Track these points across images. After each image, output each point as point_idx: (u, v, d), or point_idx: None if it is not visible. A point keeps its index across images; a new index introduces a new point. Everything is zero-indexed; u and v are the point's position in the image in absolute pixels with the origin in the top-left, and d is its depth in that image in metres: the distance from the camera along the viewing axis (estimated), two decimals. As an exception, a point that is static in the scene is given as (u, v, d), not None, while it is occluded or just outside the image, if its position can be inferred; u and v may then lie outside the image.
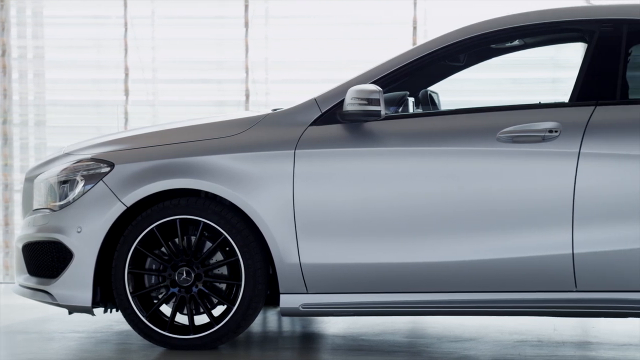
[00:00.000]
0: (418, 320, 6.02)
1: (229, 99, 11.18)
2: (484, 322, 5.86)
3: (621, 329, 5.71)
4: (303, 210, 5.01)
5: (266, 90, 11.15)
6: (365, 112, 4.97)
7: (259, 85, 11.10)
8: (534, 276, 4.84)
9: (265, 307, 6.43)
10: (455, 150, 4.91)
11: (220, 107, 11.11)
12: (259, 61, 11.06)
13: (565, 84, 5.12)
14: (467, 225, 4.88)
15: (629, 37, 4.91)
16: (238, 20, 11.07)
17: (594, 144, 4.78)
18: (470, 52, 5.64)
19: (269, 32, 11.08)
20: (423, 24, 10.82)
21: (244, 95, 11.16)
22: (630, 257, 4.73)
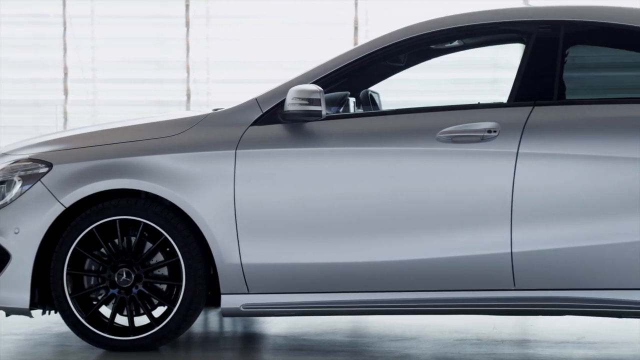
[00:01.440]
0: (359, 319, 6.04)
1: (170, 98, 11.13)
2: (424, 321, 5.90)
3: (559, 326, 5.78)
4: (244, 211, 5.00)
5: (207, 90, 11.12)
6: (306, 112, 4.98)
7: (200, 85, 11.06)
8: (474, 275, 4.88)
9: (206, 308, 6.40)
10: (396, 150, 4.94)
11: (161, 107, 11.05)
12: (200, 61, 11.03)
13: (505, 84, 5.16)
14: (408, 225, 4.90)
15: (566, 38, 4.97)
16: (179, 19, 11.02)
17: (531, 144, 4.84)
18: (410, 53, 5.67)
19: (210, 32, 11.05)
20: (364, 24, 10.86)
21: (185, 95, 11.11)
22: (568, 256, 4.79)
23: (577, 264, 4.78)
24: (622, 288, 4.77)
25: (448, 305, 4.93)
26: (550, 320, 5.90)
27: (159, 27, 11.06)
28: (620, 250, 4.74)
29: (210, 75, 11.10)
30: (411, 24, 5.15)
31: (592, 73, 6.69)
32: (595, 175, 4.77)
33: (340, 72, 5.13)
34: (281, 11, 10.93)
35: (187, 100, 11.17)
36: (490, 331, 5.69)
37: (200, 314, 6.17)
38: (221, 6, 11.02)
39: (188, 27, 11.02)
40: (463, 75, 10.71)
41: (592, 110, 4.86)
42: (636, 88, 6.78)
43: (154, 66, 11.14)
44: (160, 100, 11.11)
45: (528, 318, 6.03)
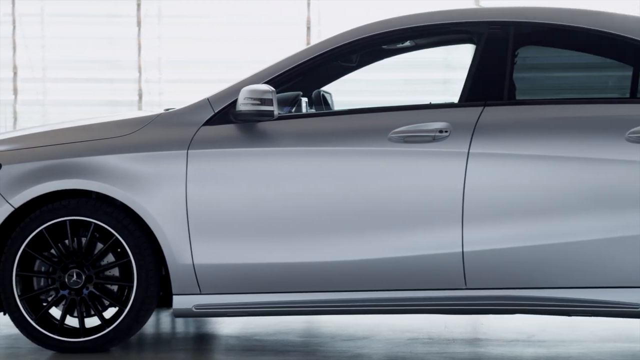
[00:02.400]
0: (312, 319, 6.04)
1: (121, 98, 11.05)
2: (376, 321, 5.92)
3: (510, 325, 5.83)
4: (196, 211, 4.98)
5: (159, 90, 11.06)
6: (258, 112, 4.97)
7: (152, 84, 11.00)
8: (425, 274, 4.90)
9: (158, 309, 6.37)
10: (348, 150, 4.95)
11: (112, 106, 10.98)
12: (152, 60, 10.97)
13: (456, 84, 5.20)
14: (360, 224, 4.91)
15: (515, 38, 5.01)
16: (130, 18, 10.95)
17: (482, 144, 4.87)
18: (362, 53, 5.68)
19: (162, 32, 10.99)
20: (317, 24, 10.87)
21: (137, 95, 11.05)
22: (518, 255, 4.83)
23: (527, 263, 4.82)
24: (571, 287, 4.82)
25: (400, 305, 4.94)
26: (501, 319, 5.95)
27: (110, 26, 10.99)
28: (569, 249, 4.79)
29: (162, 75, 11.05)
30: (363, 24, 5.17)
31: (542, 73, 6.75)
32: (545, 175, 4.82)
33: (292, 72, 5.13)
34: (233, 11, 10.91)
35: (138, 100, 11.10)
36: (442, 330, 5.73)
37: (152, 315, 6.14)
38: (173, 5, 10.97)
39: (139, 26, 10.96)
40: (415, 75, 10.76)
41: (541, 110, 4.91)
42: (585, 88, 6.86)
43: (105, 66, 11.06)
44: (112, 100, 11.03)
45: (479, 317, 6.07)
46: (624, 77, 5.60)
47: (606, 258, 4.77)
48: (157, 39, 11.01)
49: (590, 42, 5.04)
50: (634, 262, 4.76)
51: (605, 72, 6.75)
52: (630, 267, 4.76)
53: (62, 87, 11.08)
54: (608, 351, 5.19)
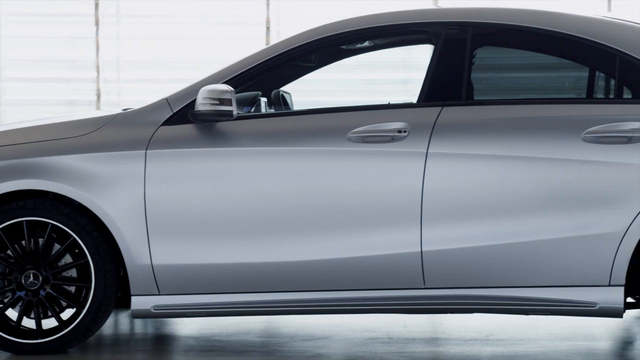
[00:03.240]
0: (272, 319, 6.04)
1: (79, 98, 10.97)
2: (336, 321, 5.93)
3: (468, 324, 5.85)
4: (155, 211, 4.96)
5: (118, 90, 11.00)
6: (217, 112, 4.96)
7: (110, 84, 10.94)
8: (384, 274, 4.92)
9: (116, 310, 6.34)
10: (307, 150, 4.95)
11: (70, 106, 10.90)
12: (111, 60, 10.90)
13: (415, 84, 5.22)
14: (319, 224, 4.92)
15: (473, 39, 5.04)
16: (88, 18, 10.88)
17: (440, 144, 4.89)
18: (321, 53, 5.69)
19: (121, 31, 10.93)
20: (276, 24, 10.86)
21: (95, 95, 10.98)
22: (477, 254, 4.86)
23: (486, 262, 4.85)
24: (529, 286, 4.86)
25: (359, 305, 4.95)
26: (460, 318, 5.98)
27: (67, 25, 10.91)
28: (527, 248, 4.83)
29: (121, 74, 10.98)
30: (322, 25, 5.17)
31: (499, 74, 6.79)
32: (503, 175, 4.85)
33: (251, 72, 5.12)
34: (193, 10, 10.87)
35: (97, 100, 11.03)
36: (401, 329, 5.75)
37: (110, 316, 6.11)
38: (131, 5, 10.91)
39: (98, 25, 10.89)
40: (374, 75, 10.78)
41: (499, 110, 4.94)
42: (542, 89, 6.91)
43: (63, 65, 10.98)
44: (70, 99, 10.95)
45: (438, 316, 6.09)
46: (580, 77, 5.66)
47: (563, 257, 4.81)
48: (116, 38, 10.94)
49: (548, 43, 5.08)
50: (591, 261, 4.80)
51: (562, 73, 6.81)
52: (587, 266, 4.80)
53: (18, 87, 10.98)
54: (565, 350, 5.24)
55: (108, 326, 5.92)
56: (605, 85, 5.38)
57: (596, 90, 5.43)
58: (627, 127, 4.82)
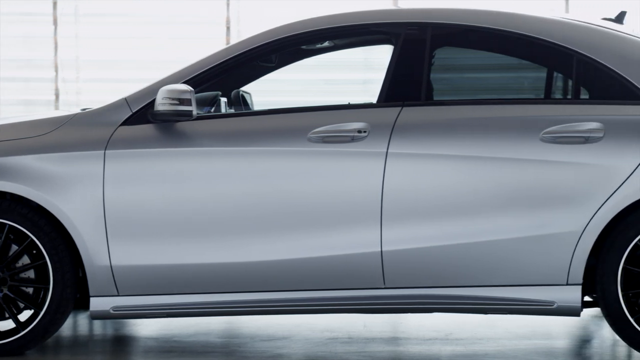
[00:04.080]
0: (232, 320, 6.03)
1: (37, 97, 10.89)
2: (296, 321, 5.93)
3: (428, 323, 5.88)
4: (114, 212, 4.93)
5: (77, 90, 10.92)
6: (177, 112, 4.94)
7: (69, 84, 10.86)
8: (344, 274, 4.92)
9: (75, 311, 6.29)
10: (267, 150, 4.95)
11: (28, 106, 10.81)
12: (69, 60, 10.82)
13: (376, 85, 5.23)
14: (279, 225, 4.92)
15: (433, 39, 5.06)
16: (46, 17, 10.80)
17: (400, 144, 4.91)
18: (281, 53, 5.68)
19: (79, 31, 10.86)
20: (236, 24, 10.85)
21: (53, 95, 10.90)
22: (436, 254, 4.88)
23: (445, 262, 4.87)
24: (488, 285, 4.89)
25: (319, 305, 4.96)
26: (420, 317, 6.00)
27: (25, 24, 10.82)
28: (486, 248, 4.85)
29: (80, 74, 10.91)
30: (282, 25, 5.17)
31: (459, 74, 6.83)
32: (462, 175, 4.87)
33: (211, 71, 5.11)
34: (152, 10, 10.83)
35: (55, 100, 10.95)
36: (361, 329, 5.76)
37: (69, 317, 6.06)
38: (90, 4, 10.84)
39: (56, 25, 10.81)
40: (335, 75, 10.80)
41: (458, 110, 4.96)
42: (501, 89, 6.95)
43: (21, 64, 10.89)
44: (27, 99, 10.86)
45: (398, 316, 6.11)
46: (538, 78, 5.70)
47: (522, 256, 4.85)
48: (74, 37, 10.87)
49: (506, 44, 5.11)
50: (549, 260, 4.84)
51: (521, 73, 6.85)
52: (545, 265, 4.84)
53: (-24, 86, 10.88)
54: (523, 348, 5.27)
55: (67, 327, 5.88)
56: (563, 86, 5.43)
57: (554, 91, 5.48)
58: (584, 127, 4.86)
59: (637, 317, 4.83)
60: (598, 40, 4.99)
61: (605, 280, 4.84)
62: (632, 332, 4.83)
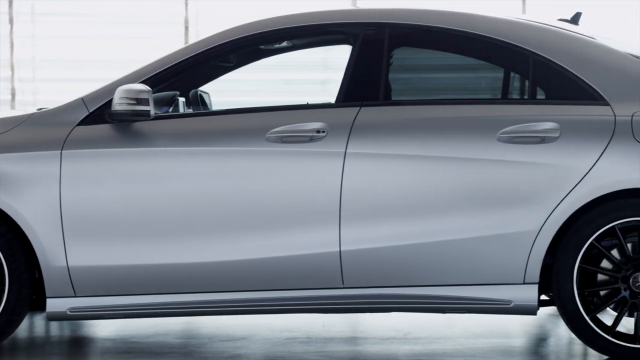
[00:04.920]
0: (191, 320, 6.01)
1: (-7, 97, 10.79)
2: (255, 321, 5.92)
3: (387, 323, 5.89)
4: (71, 212, 4.90)
5: (33, 89, 10.84)
6: (134, 112, 4.92)
7: (25, 83, 10.77)
8: (303, 274, 4.93)
9: (31, 312, 6.24)
10: (225, 150, 4.94)
11: (-16, 106, 10.71)
12: (26, 59, 10.74)
13: (334, 85, 5.24)
14: (238, 225, 4.91)
15: (391, 40, 5.07)
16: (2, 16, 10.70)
17: (359, 144, 4.92)
18: (240, 53, 5.67)
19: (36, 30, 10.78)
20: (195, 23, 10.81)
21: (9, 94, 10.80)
22: (395, 254, 4.89)
23: (403, 261, 4.89)
24: (446, 284, 4.91)
25: (278, 305, 4.96)
26: (378, 317, 6.02)
27: (-19, 23, 10.72)
28: (444, 247, 4.88)
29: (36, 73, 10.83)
30: (240, 25, 5.16)
31: (417, 74, 6.86)
32: (420, 175, 4.89)
33: (169, 71, 5.10)
34: (110, 9, 10.77)
35: (11, 99, 10.86)
36: (320, 329, 5.76)
37: (25, 319, 6.01)
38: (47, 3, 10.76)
39: (12, 24, 10.72)
40: (294, 75, 10.80)
41: (417, 110, 4.98)
42: (459, 89, 6.99)
43: (-23, 64, 10.78)
44: (-17, 99, 10.76)
45: (357, 315, 6.12)
46: (496, 78, 5.74)
47: (479, 256, 4.88)
48: (31, 37, 10.78)
49: (464, 44, 5.14)
50: (506, 259, 4.87)
51: (478, 74, 6.90)
52: (502, 264, 4.87)
53: None
54: (481, 347, 5.31)
55: (23, 329, 5.83)
56: (520, 86, 5.47)
57: (511, 91, 5.52)
58: (540, 127, 4.90)
59: (592, 316, 4.88)
60: (554, 41, 5.03)
61: (562, 279, 4.88)
62: (588, 330, 4.88)
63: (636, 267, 4.86)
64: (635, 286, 4.86)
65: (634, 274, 4.86)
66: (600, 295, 4.94)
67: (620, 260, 4.88)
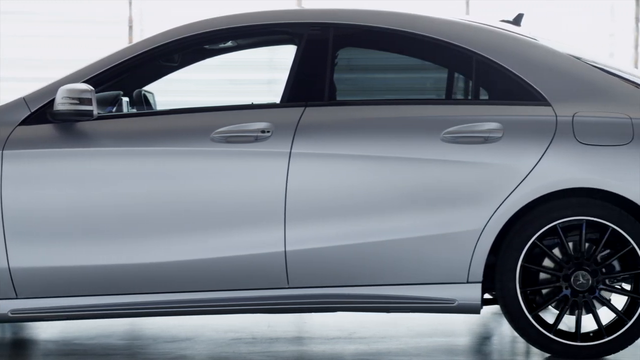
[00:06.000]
0: (135, 322, 5.97)
1: None
2: (200, 322, 5.90)
3: (332, 323, 5.91)
4: (12, 213, 4.84)
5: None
6: (77, 112, 4.88)
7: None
8: (248, 274, 4.92)
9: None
10: (170, 150, 4.91)
11: None
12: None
13: (280, 85, 5.25)
14: (183, 225, 4.89)
15: (335, 40, 5.09)
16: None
17: (303, 144, 4.92)
18: (183, 53, 5.65)
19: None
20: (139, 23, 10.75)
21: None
22: (340, 254, 4.90)
23: (348, 261, 4.90)
24: (390, 284, 4.93)
25: (223, 305, 4.94)
26: (324, 316, 6.03)
27: None
28: (388, 247, 4.90)
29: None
30: (183, 24, 5.14)
31: (362, 75, 6.88)
32: (365, 175, 4.91)
33: (112, 71, 5.06)
34: (53, 8, 10.67)
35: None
36: (265, 329, 5.76)
37: (-33, 321, 5.93)
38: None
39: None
40: (239, 75, 10.78)
41: (361, 111, 5.00)
42: (404, 90, 7.03)
43: None
44: None
45: (302, 315, 6.13)
46: (440, 78, 5.78)
47: (423, 255, 4.90)
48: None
49: (408, 45, 5.16)
50: (450, 258, 4.90)
51: (422, 74, 6.94)
52: (446, 263, 4.90)
53: None
54: (425, 346, 5.34)
55: (-36, 332, 5.76)
56: (464, 87, 5.51)
57: (455, 92, 5.56)
58: (483, 127, 4.94)
59: (534, 314, 4.93)
60: (496, 41, 5.08)
61: (504, 278, 4.93)
62: (530, 328, 4.93)
63: (577, 265, 4.93)
64: (576, 284, 4.92)
65: (575, 272, 4.92)
66: (543, 294, 4.99)
67: (562, 259, 4.94)
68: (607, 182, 4.85)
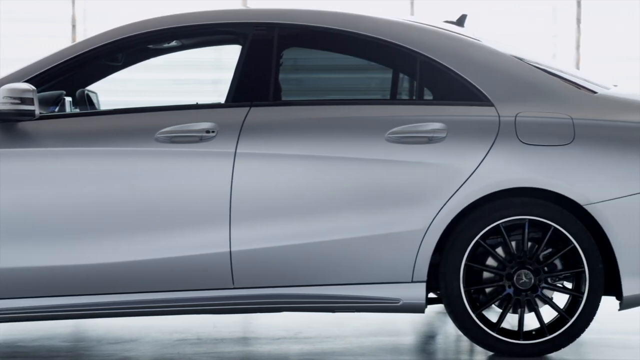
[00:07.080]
0: (79, 323, 5.92)
1: None
2: (145, 323, 5.87)
3: (277, 323, 5.91)
4: (-47, 214, 4.78)
5: None
6: (18, 112, 4.83)
7: None
8: (193, 275, 4.90)
9: None
10: (114, 150, 4.88)
11: None
12: None
13: (225, 85, 5.24)
14: (127, 226, 4.86)
15: (280, 40, 5.09)
16: None
17: (248, 144, 4.92)
18: (127, 52, 5.61)
19: None
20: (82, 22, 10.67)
21: None
22: (285, 254, 4.91)
23: (293, 261, 4.91)
24: (335, 284, 4.94)
25: (169, 306, 4.92)
26: (269, 317, 6.03)
27: None
28: (333, 247, 4.91)
29: None
30: (126, 24, 5.11)
31: (307, 75, 6.89)
32: (310, 175, 4.91)
33: (55, 70, 5.02)
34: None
35: None
36: (211, 330, 5.74)
37: None
38: None
39: None
40: (184, 75, 10.74)
41: (307, 111, 5.01)
42: (349, 90, 7.05)
43: None
44: None
45: (248, 316, 6.12)
46: (385, 79, 5.81)
47: (368, 255, 4.92)
48: None
49: (352, 45, 5.18)
50: (395, 258, 4.93)
51: (368, 74, 6.97)
52: (391, 263, 4.93)
53: None
54: (370, 345, 5.36)
55: None
56: (408, 87, 5.54)
57: (399, 92, 5.58)
58: (427, 127, 4.97)
59: (478, 313, 4.97)
60: (440, 42, 5.11)
61: (449, 277, 4.96)
62: (474, 327, 4.97)
63: (520, 264, 4.98)
64: (519, 283, 4.97)
65: (517, 271, 4.97)
66: (486, 293, 5.04)
67: (505, 258, 4.99)
68: (549, 181, 4.91)
